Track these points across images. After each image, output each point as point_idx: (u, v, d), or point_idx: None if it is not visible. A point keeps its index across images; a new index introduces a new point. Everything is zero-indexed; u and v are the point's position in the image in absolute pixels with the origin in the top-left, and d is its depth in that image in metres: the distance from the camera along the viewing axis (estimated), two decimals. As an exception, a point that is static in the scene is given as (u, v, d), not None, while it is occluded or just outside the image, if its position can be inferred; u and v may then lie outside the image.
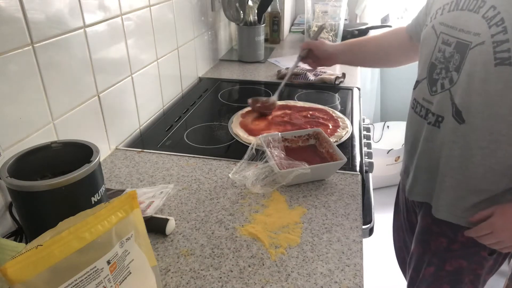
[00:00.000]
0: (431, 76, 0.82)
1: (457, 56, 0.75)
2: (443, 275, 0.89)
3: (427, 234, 0.91)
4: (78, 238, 0.42)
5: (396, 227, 1.15)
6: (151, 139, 1.09)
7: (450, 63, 0.77)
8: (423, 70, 0.85)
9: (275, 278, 0.63)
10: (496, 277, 0.97)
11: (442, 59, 0.79)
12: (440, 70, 0.80)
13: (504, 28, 0.67)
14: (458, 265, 0.87)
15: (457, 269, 0.87)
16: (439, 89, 0.80)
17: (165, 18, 1.21)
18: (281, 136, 0.94)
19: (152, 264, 0.53)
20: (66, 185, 0.55)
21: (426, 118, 0.84)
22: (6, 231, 0.69)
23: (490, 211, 0.78)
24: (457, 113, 0.77)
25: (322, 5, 1.84)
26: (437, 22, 0.81)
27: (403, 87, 2.81)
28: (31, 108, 0.73)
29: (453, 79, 0.77)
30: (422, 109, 0.85)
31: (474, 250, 0.85)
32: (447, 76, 0.78)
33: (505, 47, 0.67)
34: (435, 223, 0.88)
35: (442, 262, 0.88)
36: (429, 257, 0.91)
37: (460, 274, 0.87)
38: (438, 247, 0.88)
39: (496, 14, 0.68)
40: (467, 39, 0.73)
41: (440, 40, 0.80)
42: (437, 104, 0.81)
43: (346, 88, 1.46)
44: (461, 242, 0.85)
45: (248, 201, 0.81)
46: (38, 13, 0.72)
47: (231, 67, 1.70)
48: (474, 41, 0.72)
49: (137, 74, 1.08)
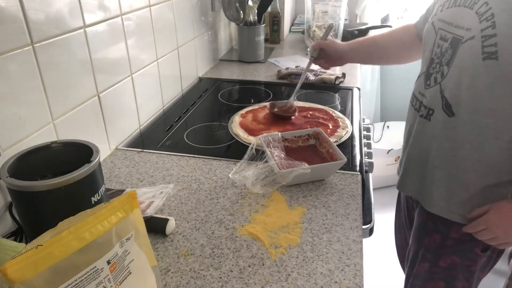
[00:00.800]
0: (428, 71, 0.84)
1: (450, 51, 0.77)
2: (437, 271, 0.90)
3: (423, 230, 0.92)
4: (78, 238, 0.42)
5: (398, 225, 1.15)
6: (151, 139, 1.09)
7: (443, 58, 0.79)
8: (424, 65, 0.87)
9: (275, 278, 0.63)
10: (496, 277, 0.97)
11: (439, 54, 0.81)
12: (436, 64, 0.82)
13: (493, 23, 0.69)
14: (452, 261, 0.87)
15: (451, 266, 0.88)
16: (432, 83, 0.82)
17: (165, 18, 1.21)
18: (281, 136, 0.94)
19: (152, 264, 0.53)
20: (66, 185, 0.55)
21: (419, 111, 0.86)
22: (6, 231, 0.69)
23: (487, 208, 0.79)
24: (447, 106, 0.78)
25: (322, 5, 1.84)
26: (437, 18, 0.83)
27: (403, 87, 2.81)
28: (31, 108, 0.73)
29: (444, 73, 0.78)
30: (417, 102, 0.87)
31: (467, 247, 0.85)
32: (439, 71, 0.80)
33: (492, 41, 0.69)
34: (431, 219, 0.88)
35: (436, 258, 0.89)
36: (423, 253, 0.91)
37: (454, 271, 0.88)
38: (432, 243, 0.89)
39: (487, 10, 0.70)
40: (460, 34, 0.75)
41: (438, 36, 0.82)
42: (429, 98, 0.83)
43: (346, 88, 1.46)
44: (454, 238, 0.85)
45: (248, 201, 0.81)
46: (38, 13, 0.72)
47: (231, 67, 1.70)
48: (465, 36, 0.74)
49: (137, 74, 1.08)
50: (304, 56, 1.83)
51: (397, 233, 1.17)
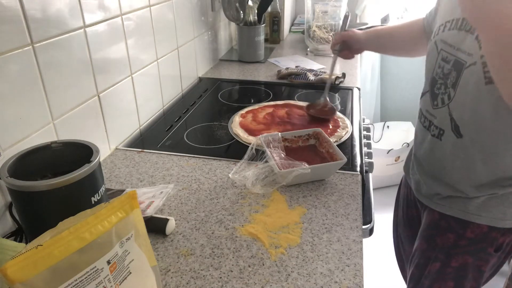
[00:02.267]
0: (433, 91, 0.86)
1: (454, 73, 0.79)
2: (449, 271, 0.89)
3: (434, 229, 0.91)
4: (78, 238, 0.42)
5: (395, 223, 1.15)
6: (151, 139, 1.09)
7: (448, 80, 0.81)
8: (426, 83, 0.89)
9: (275, 278, 0.63)
10: (496, 277, 0.96)
11: (441, 75, 0.83)
12: (440, 85, 0.83)
13: None
14: (464, 261, 0.87)
15: (463, 265, 0.88)
16: (440, 104, 0.84)
17: (165, 18, 1.21)
18: (281, 136, 0.94)
19: (152, 264, 0.53)
20: (66, 185, 0.55)
21: (429, 130, 0.88)
22: (6, 231, 0.69)
23: None
24: (456, 127, 0.80)
25: (322, 5, 1.84)
26: (439, 38, 0.84)
27: (403, 87, 2.81)
28: (31, 108, 0.73)
29: (451, 96, 0.80)
30: (426, 120, 0.89)
31: (481, 246, 0.85)
32: (446, 92, 0.82)
33: None
34: (443, 218, 0.88)
35: (448, 258, 0.89)
36: (435, 253, 0.91)
37: (465, 270, 0.88)
38: (445, 242, 0.89)
39: None
40: (463, 58, 0.77)
41: (440, 56, 0.83)
42: (439, 118, 0.85)
43: (346, 88, 1.46)
44: (469, 238, 0.85)
45: (248, 201, 0.81)
46: (38, 13, 0.72)
47: (231, 67, 1.70)
48: (468, 60, 0.75)
49: (137, 74, 1.08)
50: (304, 56, 1.83)
51: (394, 232, 1.17)
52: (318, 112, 1.17)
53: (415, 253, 0.96)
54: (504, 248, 0.86)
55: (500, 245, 0.85)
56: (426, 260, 0.92)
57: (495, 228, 0.82)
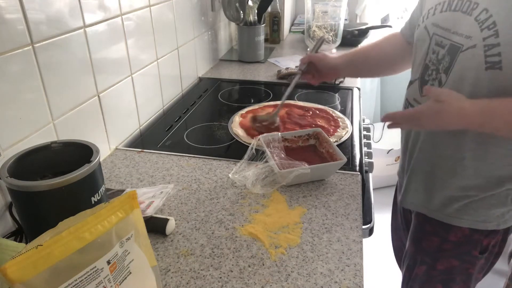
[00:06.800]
0: (423, 78, 0.82)
1: (447, 58, 0.75)
2: (435, 274, 0.89)
3: (420, 233, 0.91)
4: (78, 238, 0.42)
5: (394, 226, 1.15)
6: (151, 139, 1.09)
7: (441, 65, 0.77)
8: (416, 70, 0.85)
9: (275, 278, 0.63)
10: (496, 277, 0.96)
11: (435, 60, 0.79)
12: (432, 71, 0.79)
13: (496, 32, 0.67)
14: (450, 264, 0.87)
15: (449, 269, 0.88)
16: None
17: (165, 18, 1.21)
18: (281, 136, 0.94)
19: (152, 264, 0.53)
20: (66, 185, 0.55)
21: None
22: (6, 231, 0.69)
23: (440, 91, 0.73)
24: None
25: (322, 5, 1.84)
26: (430, 22, 0.80)
27: (403, 87, 2.77)
28: (31, 108, 0.73)
29: (442, 81, 0.76)
30: None
31: (466, 249, 0.85)
32: (436, 78, 0.78)
33: (495, 51, 0.67)
34: (428, 222, 0.88)
35: (434, 261, 0.89)
36: (421, 256, 0.91)
37: (452, 274, 0.88)
38: (430, 246, 0.89)
39: (488, 17, 0.68)
40: (459, 41, 0.73)
41: (433, 41, 0.79)
42: None
43: (346, 88, 1.46)
44: (453, 242, 0.85)
45: (248, 201, 0.81)
46: (38, 13, 0.72)
47: (231, 67, 1.70)
48: (465, 44, 0.71)
49: (137, 74, 1.08)
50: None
51: (394, 235, 1.17)
52: (261, 128, 1.02)
53: (406, 255, 0.97)
54: (491, 249, 0.85)
55: (485, 247, 0.84)
56: (414, 263, 0.93)
57: (478, 231, 0.82)
